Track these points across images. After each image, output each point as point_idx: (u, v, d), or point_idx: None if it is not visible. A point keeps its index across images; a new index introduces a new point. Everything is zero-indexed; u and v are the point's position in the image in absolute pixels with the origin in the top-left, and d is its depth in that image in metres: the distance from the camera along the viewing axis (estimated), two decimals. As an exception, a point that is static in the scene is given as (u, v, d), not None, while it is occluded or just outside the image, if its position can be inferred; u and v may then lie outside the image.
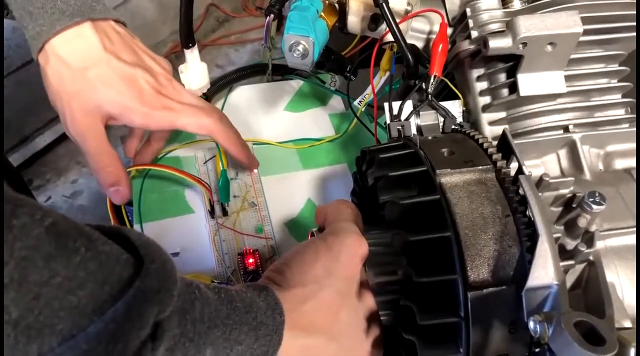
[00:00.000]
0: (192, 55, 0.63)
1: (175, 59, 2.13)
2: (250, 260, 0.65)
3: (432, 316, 0.40)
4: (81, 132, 0.53)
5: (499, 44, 0.48)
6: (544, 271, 0.37)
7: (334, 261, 0.40)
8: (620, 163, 0.51)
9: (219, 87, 0.77)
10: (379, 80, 0.64)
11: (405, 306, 0.42)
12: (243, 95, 0.85)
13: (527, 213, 0.40)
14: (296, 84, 0.87)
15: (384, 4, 0.54)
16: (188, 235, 0.69)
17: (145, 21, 2.02)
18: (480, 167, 0.43)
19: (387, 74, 0.63)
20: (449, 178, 0.43)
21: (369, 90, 0.70)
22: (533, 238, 0.39)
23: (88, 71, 0.51)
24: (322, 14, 0.57)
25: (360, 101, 0.70)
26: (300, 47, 0.54)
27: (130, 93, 0.53)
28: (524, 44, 0.47)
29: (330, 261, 0.40)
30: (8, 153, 1.54)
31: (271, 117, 0.83)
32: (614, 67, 0.52)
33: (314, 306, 0.39)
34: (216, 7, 2.31)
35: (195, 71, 0.64)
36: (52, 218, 0.24)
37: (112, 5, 1.98)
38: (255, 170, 0.75)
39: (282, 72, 0.85)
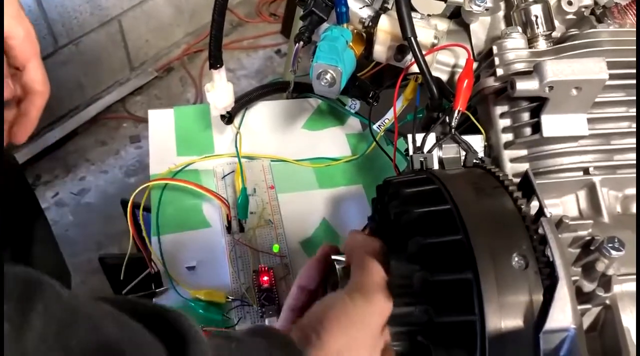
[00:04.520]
0: (220, 75, 0.64)
1: (188, 60, 2.14)
2: (265, 278, 0.66)
3: (449, 355, 0.41)
4: None
5: (525, 86, 0.49)
6: (562, 315, 0.38)
7: (365, 327, 0.42)
8: (637, 207, 0.52)
9: (242, 104, 0.78)
10: (401, 107, 0.65)
11: (422, 342, 0.43)
12: (262, 112, 0.86)
13: (546, 252, 0.41)
14: (314, 102, 0.88)
15: (412, 38, 0.55)
16: (204, 249, 0.70)
17: (161, 23, 2.03)
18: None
19: (409, 102, 0.64)
20: None
21: (389, 115, 0.71)
22: (551, 278, 0.40)
23: None
24: (350, 44, 0.58)
25: (380, 126, 0.71)
26: (328, 76, 0.55)
27: None
28: (550, 88, 0.48)
29: (362, 328, 0.42)
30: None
31: (289, 135, 0.84)
32: (635, 111, 0.53)
33: None
34: (230, 11, 2.32)
35: (222, 91, 0.66)
36: (105, 337, 0.26)
37: (128, 7, 1.98)
38: (274, 188, 0.75)
39: (301, 89, 0.86)
